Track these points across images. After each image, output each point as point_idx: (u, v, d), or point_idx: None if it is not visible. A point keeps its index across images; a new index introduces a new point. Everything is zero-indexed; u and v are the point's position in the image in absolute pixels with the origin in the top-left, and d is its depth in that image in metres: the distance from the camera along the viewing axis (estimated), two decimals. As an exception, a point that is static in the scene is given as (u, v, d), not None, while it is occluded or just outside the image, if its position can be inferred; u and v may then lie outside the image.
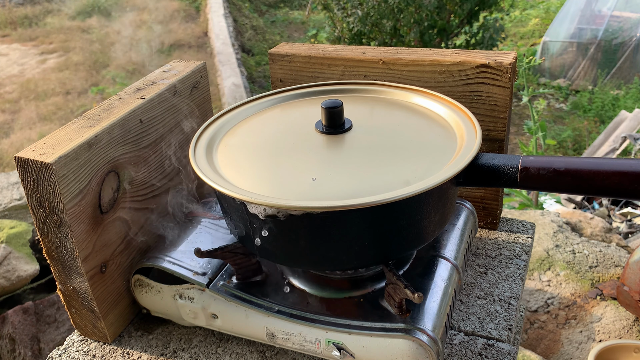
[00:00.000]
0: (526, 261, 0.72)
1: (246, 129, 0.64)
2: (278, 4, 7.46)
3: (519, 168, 0.52)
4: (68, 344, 0.66)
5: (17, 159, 0.55)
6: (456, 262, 0.62)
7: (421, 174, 0.51)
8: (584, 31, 4.84)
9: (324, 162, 0.56)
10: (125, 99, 0.66)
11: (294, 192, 0.51)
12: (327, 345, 0.55)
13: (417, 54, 0.73)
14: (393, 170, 0.53)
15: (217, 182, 0.52)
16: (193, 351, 0.63)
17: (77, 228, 0.57)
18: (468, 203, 0.72)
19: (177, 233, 0.67)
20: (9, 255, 1.74)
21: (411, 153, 0.56)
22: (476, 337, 0.61)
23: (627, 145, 2.69)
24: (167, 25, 6.30)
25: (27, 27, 6.50)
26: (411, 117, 0.63)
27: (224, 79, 4.78)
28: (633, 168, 0.48)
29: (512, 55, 0.69)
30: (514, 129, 4.05)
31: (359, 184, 0.51)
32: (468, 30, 4.21)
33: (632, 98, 4.21)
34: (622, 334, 1.28)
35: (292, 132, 0.62)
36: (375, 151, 0.56)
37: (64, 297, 0.63)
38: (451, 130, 0.59)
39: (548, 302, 1.39)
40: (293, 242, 0.53)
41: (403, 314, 0.54)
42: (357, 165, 0.54)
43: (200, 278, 0.61)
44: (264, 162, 0.57)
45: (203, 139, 0.61)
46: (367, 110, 0.66)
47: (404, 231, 0.53)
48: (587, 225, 1.66)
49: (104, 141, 0.59)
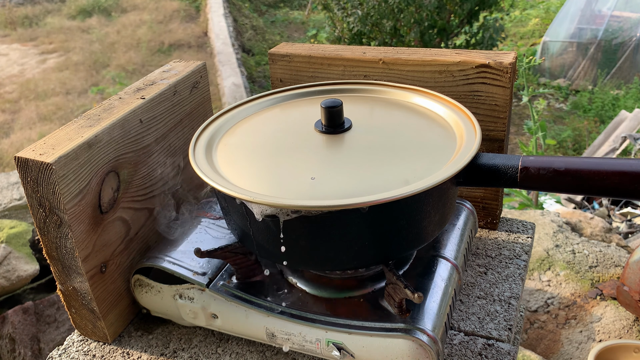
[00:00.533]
0: (526, 261, 0.72)
1: (246, 129, 0.64)
2: (278, 4, 7.46)
3: (519, 168, 0.52)
4: (68, 344, 0.66)
5: (17, 159, 0.55)
6: (456, 262, 0.62)
7: (421, 174, 0.51)
8: (584, 31, 4.84)
9: (324, 161, 0.56)
10: (125, 99, 0.66)
11: (293, 191, 0.51)
12: (327, 345, 0.55)
13: (417, 54, 0.73)
14: (392, 169, 0.53)
15: (216, 181, 0.52)
16: (193, 351, 0.63)
17: (77, 228, 0.57)
18: (468, 203, 0.72)
19: (177, 233, 0.67)
20: (9, 255, 1.74)
21: (411, 153, 0.56)
22: (476, 337, 0.61)
23: (627, 145, 2.69)
24: (167, 25, 6.30)
25: (27, 27, 6.50)
26: (411, 117, 0.63)
27: (224, 79, 4.78)
28: (633, 168, 0.48)
29: (512, 55, 0.69)
30: (514, 129, 4.05)
31: (358, 183, 0.51)
32: (468, 30, 4.21)
33: (632, 98, 4.21)
34: (622, 334, 1.28)
35: (291, 132, 0.62)
36: (374, 151, 0.56)
37: (64, 297, 0.63)
38: (451, 130, 0.59)
39: (548, 302, 1.39)
40: (293, 242, 0.53)
41: (403, 314, 0.54)
42: (356, 165, 0.54)
43: (200, 278, 0.61)
44: (263, 161, 0.57)
45: (203, 138, 0.61)
46: (367, 110, 0.66)
47: (403, 231, 0.53)
48: (587, 225, 1.66)
49: (104, 141, 0.59)
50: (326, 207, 0.47)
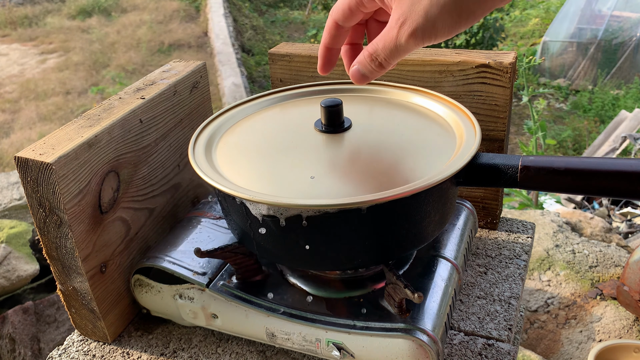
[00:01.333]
0: (526, 261, 0.72)
1: (245, 128, 0.64)
2: (278, 4, 7.47)
3: (519, 168, 0.52)
4: (68, 343, 0.66)
5: (17, 158, 0.55)
6: (456, 262, 0.62)
7: (420, 173, 0.51)
8: (584, 31, 4.84)
9: (324, 160, 0.56)
10: (125, 99, 0.66)
11: (293, 190, 0.51)
12: (327, 345, 0.55)
13: (417, 53, 0.73)
14: (392, 168, 0.53)
15: (216, 180, 0.52)
16: (193, 351, 0.63)
17: (77, 228, 0.57)
18: (468, 203, 0.72)
19: (177, 233, 0.67)
20: (9, 255, 1.74)
21: (410, 152, 0.56)
22: (476, 337, 0.61)
23: (627, 145, 2.69)
24: (167, 25, 6.30)
25: (27, 27, 6.50)
26: (410, 116, 0.63)
27: (224, 79, 4.78)
28: (633, 168, 0.48)
29: (512, 55, 0.69)
30: (514, 129, 4.05)
31: (358, 182, 0.51)
32: (468, 30, 4.21)
33: (632, 98, 4.21)
34: (622, 333, 1.28)
35: (291, 131, 0.62)
36: (374, 150, 0.56)
37: (64, 297, 0.63)
38: (451, 129, 0.59)
39: (548, 302, 1.39)
40: (292, 242, 0.53)
41: (403, 313, 0.54)
42: (356, 164, 0.54)
43: (200, 278, 0.61)
44: (263, 160, 0.57)
45: (202, 137, 0.61)
46: (367, 110, 0.66)
47: (403, 231, 0.53)
48: (587, 225, 1.67)
49: (104, 141, 0.59)
50: (325, 206, 0.47)
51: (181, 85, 0.72)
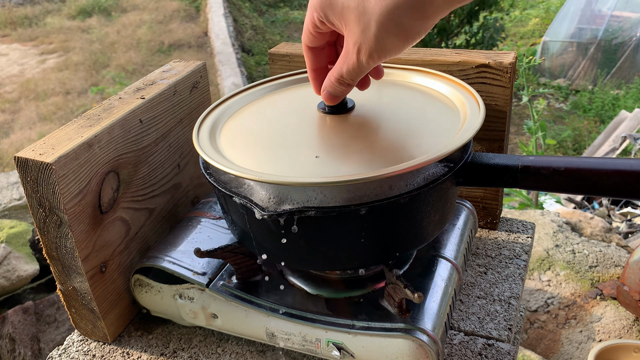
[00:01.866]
0: (526, 261, 0.72)
1: (249, 113, 0.63)
2: (278, 4, 7.46)
3: (519, 168, 0.52)
4: (68, 343, 0.66)
5: (16, 158, 0.55)
6: (456, 262, 0.62)
7: (425, 149, 0.51)
8: (584, 31, 4.84)
9: (327, 140, 0.56)
10: (125, 99, 0.66)
11: (298, 169, 0.51)
12: (327, 345, 0.55)
13: (417, 54, 0.73)
14: (396, 147, 0.53)
15: (221, 163, 0.51)
16: (193, 351, 0.63)
17: (77, 228, 0.57)
18: (468, 203, 0.72)
19: (177, 233, 0.67)
20: (9, 255, 1.74)
21: (414, 131, 0.55)
22: (476, 337, 0.61)
23: (627, 145, 2.69)
24: (167, 25, 6.30)
25: (27, 27, 6.50)
26: (414, 96, 0.63)
27: (224, 79, 4.78)
28: (633, 168, 0.48)
29: (512, 55, 0.69)
30: (514, 129, 4.05)
31: (361, 162, 0.51)
32: (468, 30, 4.21)
33: (632, 98, 4.22)
34: (622, 333, 1.28)
35: (295, 114, 0.62)
36: (377, 130, 0.56)
37: (64, 297, 0.63)
38: (455, 108, 0.59)
39: (548, 302, 1.39)
40: (292, 242, 0.53)
41: (403, 313, 0.54)
42: (359, 144, 0.54)
43: (200, 278, 0.61)
44: (267, 142, 0.56)
45: (206, 123, 0.60)
46: (370, 91, 0.65)
47: (403, 230, 0.53)
48: (587, 225, 1.67)
49: (104, 141, 0.59)
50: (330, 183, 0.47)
51: (181, 85, 0.72)
